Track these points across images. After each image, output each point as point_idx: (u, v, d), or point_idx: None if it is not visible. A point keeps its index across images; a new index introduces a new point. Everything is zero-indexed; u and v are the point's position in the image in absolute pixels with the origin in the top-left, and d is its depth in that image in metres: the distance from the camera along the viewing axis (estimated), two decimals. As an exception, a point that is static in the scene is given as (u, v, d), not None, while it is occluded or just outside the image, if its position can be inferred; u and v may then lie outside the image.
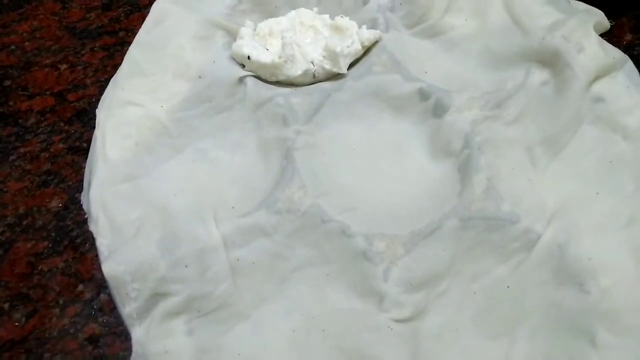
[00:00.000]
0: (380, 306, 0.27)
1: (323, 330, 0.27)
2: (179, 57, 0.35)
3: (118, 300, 0.28)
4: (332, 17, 0.38)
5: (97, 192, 0.31)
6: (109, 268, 0.28)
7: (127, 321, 0.27)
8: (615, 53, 0.34)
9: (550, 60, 0.33)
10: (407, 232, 0.29)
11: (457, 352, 0.26)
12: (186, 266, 0.28)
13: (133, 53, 0.36)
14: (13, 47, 0.41)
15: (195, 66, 0.35)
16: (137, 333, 0.27)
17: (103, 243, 0.29)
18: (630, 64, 0.34)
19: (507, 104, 0.33)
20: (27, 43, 0.41)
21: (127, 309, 0.27)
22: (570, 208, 0.29)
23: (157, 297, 0.28)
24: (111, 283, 0.28)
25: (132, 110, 0.33)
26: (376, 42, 0.37)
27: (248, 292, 0.28)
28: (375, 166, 0.32)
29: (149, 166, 0.32)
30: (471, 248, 0.28)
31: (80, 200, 0.32)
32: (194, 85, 0.34)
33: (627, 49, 0.36)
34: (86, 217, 0.31)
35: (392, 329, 0.27)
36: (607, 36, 0.36)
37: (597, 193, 0.30)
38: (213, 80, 0.34)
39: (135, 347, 0.27)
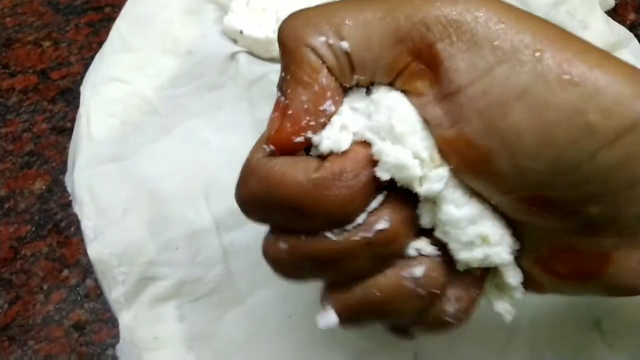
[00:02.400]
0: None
1: (320, 316, 0.26)
2: (167, 31, 0.34)
3: (104, 284, 0.27)
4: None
5: (81, 173, 0.29)
6: (94, 251, 0.27)
7: (114, 306, 0.27)
8: (621, 31, 0.33)
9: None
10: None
11: (458, 339, 0.26)
12: (176, 249, 0.27)
13: (119, 27, 0.34)
14: (-7, 23, 0.39)
15: (185, 41, 0.34)
16: (124, 319, 0.26)
17: (88, 225, 0.28)
18: (635, 42, 0.34)
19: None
20: (8, 19, 0.39)
21: (114, 294, 0.27)
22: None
23: (145, 281, 0.27)
24: (97, 267, 0.27)
25: (118, 87, 0.32)
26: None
27: (242, 277, 0.27)
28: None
29: (137, 146, 0.31)
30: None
31: (64, 182, 0.31)
32: (184, 62, 0.33)
33: (630, 28, 0.36)
34: (70, 199, 0.30)
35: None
36: (611, 15, 0.36)
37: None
38: (204, 57, 0.33)
39: (123, 334, 0.26)
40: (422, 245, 0.17)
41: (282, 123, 0.17)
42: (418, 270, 0.17)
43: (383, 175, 0.16)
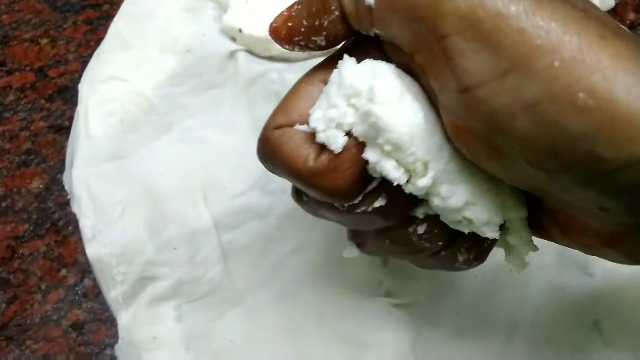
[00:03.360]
0: (379, 291, 0.27)
1: (320, 316, 0.26)
2: (166, 29, 0.33)
3: (103, 284, 0.27)
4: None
5: (79, 171, 0.29)
6: (93, 250, 0.27)
7: (113, 306, 0.27)
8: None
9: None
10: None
11: (457, 337, 0.26)
12: (175, 249, 0.27)
13: (118, 25, 0.34)
14: (-10, 20, 0.39)
15: (184, 40, 0.33)
16: (123, 319, 0.26)
17: (86, 224, 0.28)
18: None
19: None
20: (4, 16, 0.39)
21: (113, 294, 0.26)
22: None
23: (144, 281, 0.27)
24: (95, 266, 0.27)
25: (116, 85, 0.32)
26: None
27: (240, 277, 0.27)
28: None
29: (135, 145, 0.30)
30: (473, 230, 0.28)
31: (62, 181, 0.31)
32: (182, 60, 0.33)
33: (630, 28, 0.36)
34: (68, 198, 0.30)
35: (391, 314, 0.26)
36: (611, 15, 0.36)
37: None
38: (202, 55, 0.33)
39: (122, 334, 0.26)
40: (422, 210, 0.19)
41: (285, 21, 0.18)
42: (420, 229, 0.19)
43: (374, 173, 0.17)
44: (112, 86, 0.32)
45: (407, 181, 0.17)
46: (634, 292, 0.26)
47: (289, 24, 0.18)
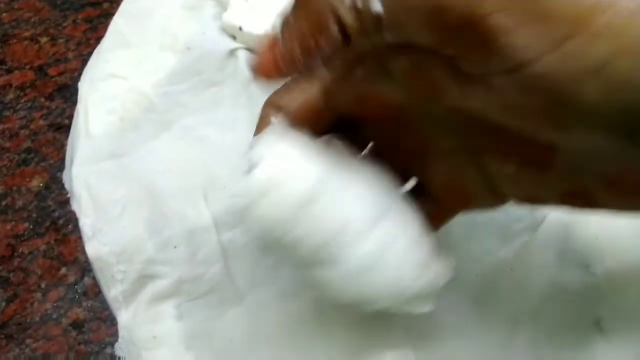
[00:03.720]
0: (379, 289, 0.26)
1: (319, 315, 0.26)
2: (166, 27, 0.34)
3: (103, 282, 0.27)
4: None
5: (79, 170, 0.29)
6: (92, 248, 0.27)
7: (113, 305, 0.27)
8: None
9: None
10: (407, 213, 0.28)
11: (459, 335, 0.26)
12: (175, 247, 0.27)
13: (117, 23, 0.34)
14: (-11, 18, 0.39)
15: (184, 38, 0.33)
16: (123, 317, 0.26)
17: (86, 223, 0.28)
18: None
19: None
20: (4, 14, 0.39)
21: (113, 292, 0.26)
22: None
23: (144, 279, 0.27)
24: (95, 265, 0.27)
25: (116, 83, 0.32)
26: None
27: (240, 276, 0.27)
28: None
29: (135, 143, 0.30)
30: (474, 229, 0.28)
31: (62, 180, 0.31)
32: (182, 58, 0.33)
33: None
34: (68, 196, 0.30)
35: (391, 313, 0.26)
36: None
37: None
38: (202, 53, 0.33)
39: (122, 332, 0.26)
40: None
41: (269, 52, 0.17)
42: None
43: None
44: (112, 84, 0.32)
45: None
46: (636, 291, 0.26)
47: (277, 54, 0.17)
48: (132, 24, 0.34)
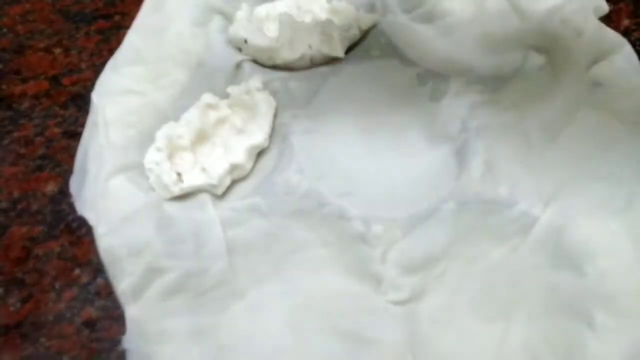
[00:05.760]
0: (378, 288, 0.27)
1: (320, 312, 0.27)
2: (178, 44, 0.35)
3: (112, 277, 0.28)
4: (329, 1, 0.37)
5: (94, 183, 0.30)
6: (104, 242, 0.28)
7: (121, 298, 0.27)
8: (614, 37, 0.34)
9: (549, 45, 0.33)
10: (405, 216, 0.29)
11: (454, 335, 0.26)
12: (182, 242, 0.28)
13: (132, 38, 0.35)
14: (5, 30, 0.40)
15: (195, 53, 0.35)
16: (131, 311, 0.27)
17: (98, 219, 0.29)
18: (628, 48, 0.34)
19: (505, 89, 0.33)
20: (19, 26, 0.40)
21: (122, 286, 0.27)
22: (568, 191, 0.29)
23: (152, 273, 0.27)
24: (106, 258, 0.28)
25: (134, 98, 0.33)
26: (374, 26, 0.37)
27: (244, 272, 0.28)
28: (373, 150, 0.32)
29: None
30: (468, 231, 0.28)
31: (75, 185, 0.32)
32: (194, 74, 0.34)
33: (624, 34, 0.36)
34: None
35: (389, 311, 0.27)
36: (605, 21, 0.36)
37: (595, 177, 0.30)
38: (213, 68, 0.34)
39: (130, 326, 0.26)
40: None
41: None
42: None
43: None
44: (130, 99, 0.33)
45: None
46: (628, 290, 0.26)
47: None
48: (146, 40, 0.35)
